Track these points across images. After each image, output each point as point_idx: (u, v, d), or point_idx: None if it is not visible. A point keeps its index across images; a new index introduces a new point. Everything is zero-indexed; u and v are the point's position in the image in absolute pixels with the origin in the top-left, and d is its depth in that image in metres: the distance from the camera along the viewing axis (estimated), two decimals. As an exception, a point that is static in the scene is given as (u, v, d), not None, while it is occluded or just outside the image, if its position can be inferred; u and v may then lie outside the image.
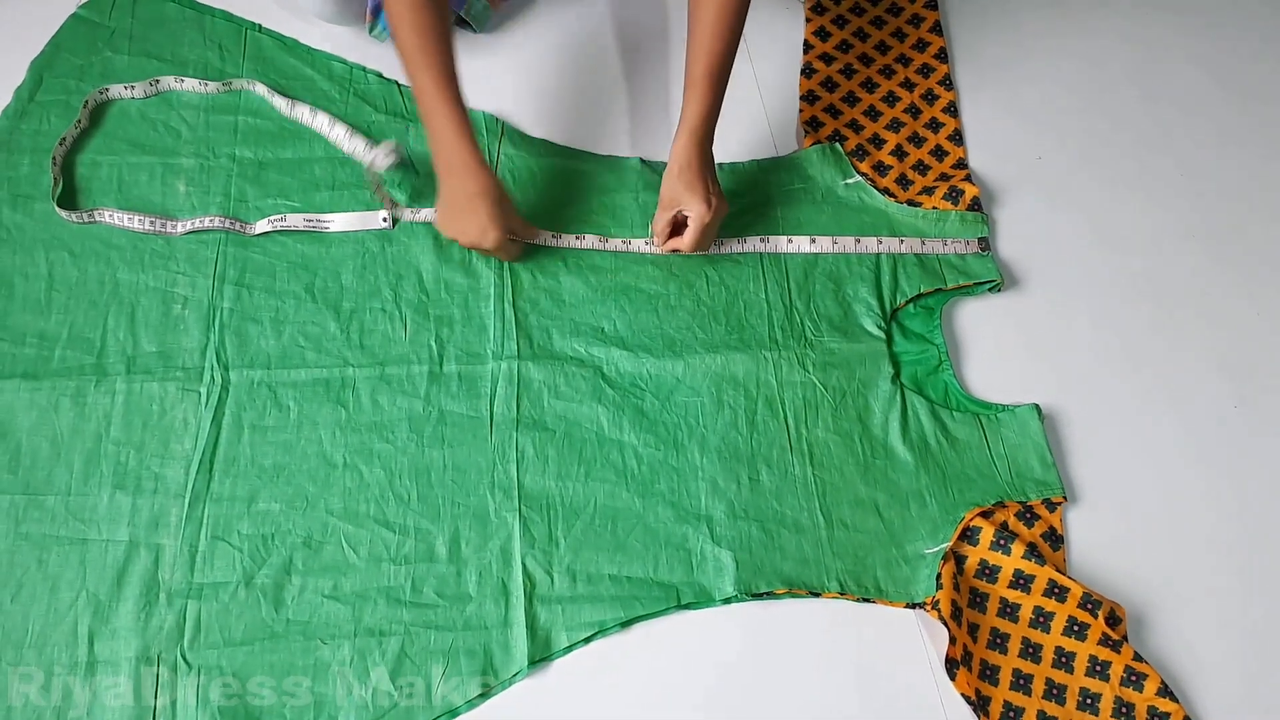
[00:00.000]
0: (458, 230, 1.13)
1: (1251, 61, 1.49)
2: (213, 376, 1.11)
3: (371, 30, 1.34)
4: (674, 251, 1.20)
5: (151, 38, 1.34)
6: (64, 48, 1.32)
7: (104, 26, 1.34)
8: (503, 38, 1.42)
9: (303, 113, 1.27)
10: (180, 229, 1.19)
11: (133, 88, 1.27)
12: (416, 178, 1.24)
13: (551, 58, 1.41)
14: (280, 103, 1.27)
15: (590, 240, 1.22)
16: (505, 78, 1.38)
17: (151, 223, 1.19)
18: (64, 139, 1.22)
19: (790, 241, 1.24)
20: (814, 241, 1.24)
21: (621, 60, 1.42)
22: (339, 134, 1.25)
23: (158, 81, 1.28)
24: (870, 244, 1.25)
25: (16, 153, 1.23)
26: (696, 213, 1.13)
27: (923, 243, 1.25)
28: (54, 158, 1.20)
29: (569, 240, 1.22)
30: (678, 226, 1.18)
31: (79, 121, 1.23)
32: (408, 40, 1.07)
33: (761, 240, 1.24)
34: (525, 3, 1.46)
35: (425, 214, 1.21)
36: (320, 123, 1.26)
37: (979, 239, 1.26)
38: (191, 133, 1.27)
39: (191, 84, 1.28)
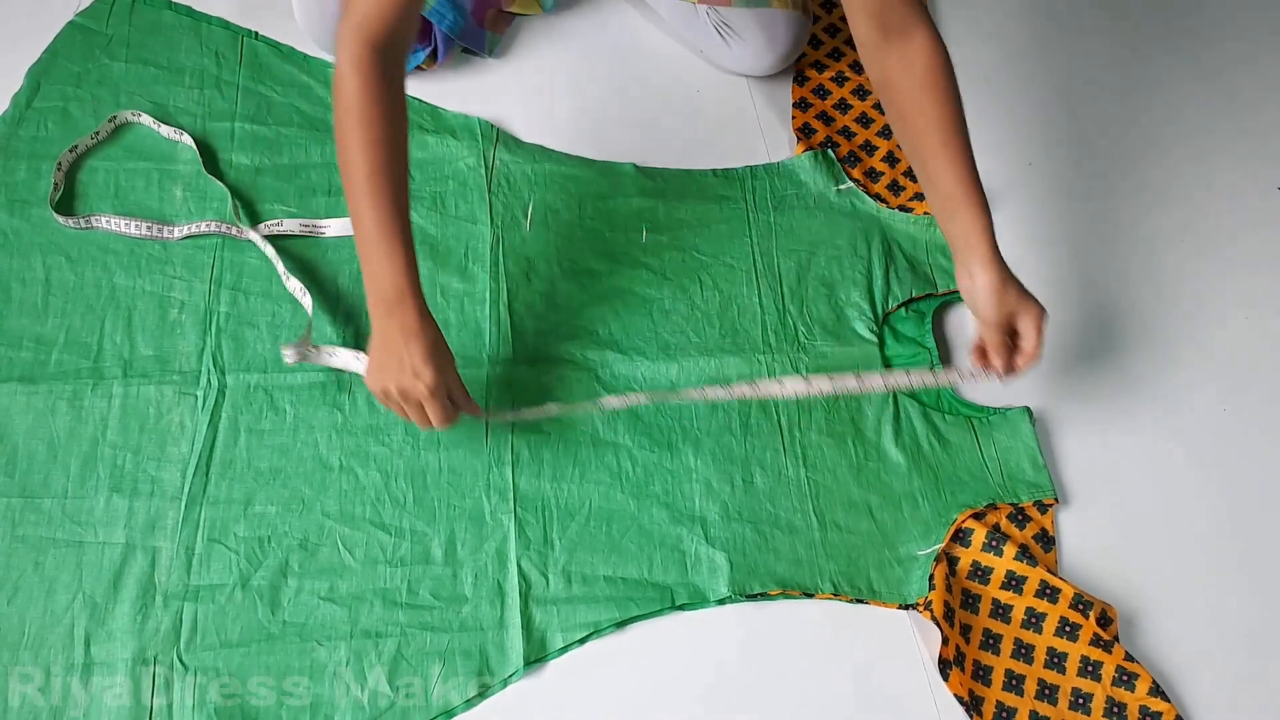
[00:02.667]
0: (388, 375, 0.97)
1: (1241, 66, 1.50)
2: (209, 380, 1.11)
3: None
4: (1009, 374, 1.03)
5: (148, 45, 1.35)
6: (61, 55, 1.32)
7: (101, 34, 1.35)
8: (497, 49, 1.43)
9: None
10: (177, 234, 1.20)
11: (161, 125, 1.27)
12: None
13: (546, 64, 1.42)
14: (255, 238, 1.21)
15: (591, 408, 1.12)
16: (500, 85, 1.39)
17: (148, 228, 1.19)
18: (75, 146, 1.22)
19: (781, 384, 1.08)
20: (808, 382, 1.07)
21: (615, 66, 1.43)
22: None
23: (181, 133, 1.27)
24: (875, 382, 1.08)
25: (14, 159, 1.23)
26: (1033, 314, 0.99)
27: (926, 376, 1.12)
28: (59, 163, 1.21)
29: (550, 408, 1.10)
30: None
31: (97, 133, 1.23)
32: (356, 160, 0.94)
33: (750, 385, 1.08)
34: (521, 19, 1.47)
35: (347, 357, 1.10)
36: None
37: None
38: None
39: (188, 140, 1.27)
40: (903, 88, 1.01)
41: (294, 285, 1.15)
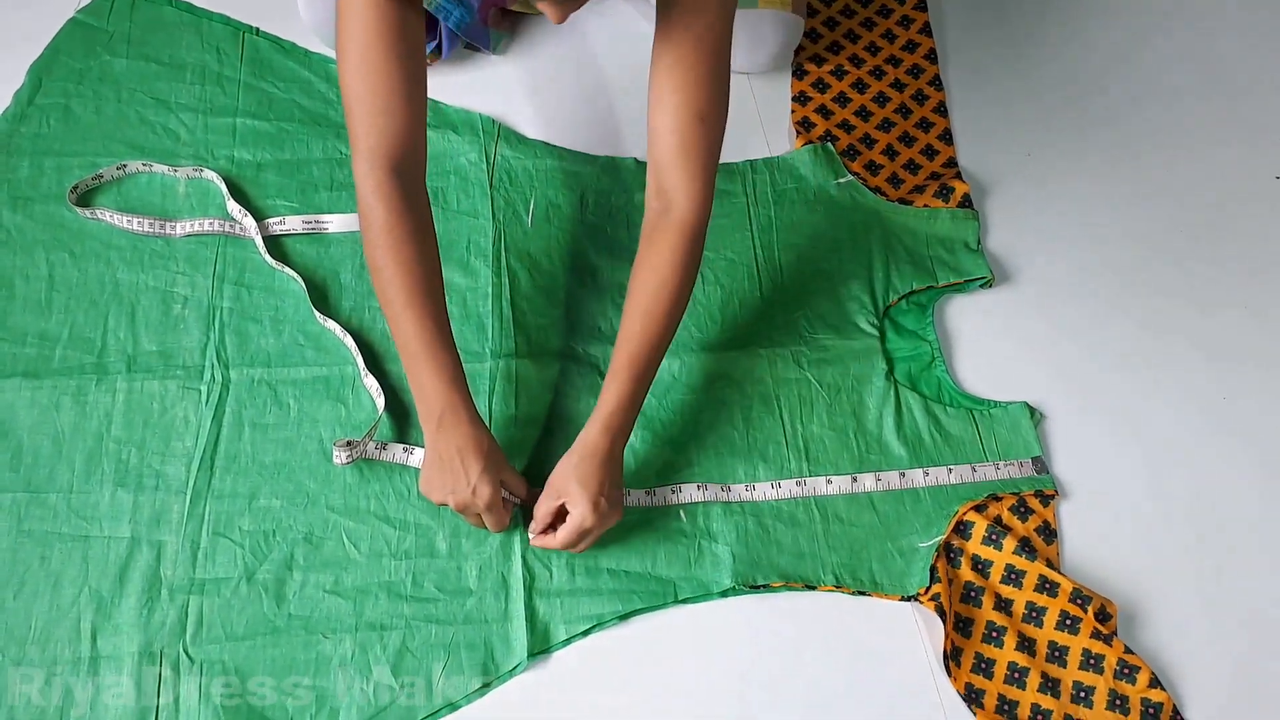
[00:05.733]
0: (445, 489, 0.99)
1: (1238, 57, 1.51)
2: (213, 375, 1.12)
3: None
4: (543, 546, 1.02)
5: (150, 41, 1.35)
6: (63, 51, 1.33)
7: (103, 30, 1.35)
8: (501, 45, 1.43)
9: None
10: (180, 231, 1.20)
11: (176, 171, 1.25)
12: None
13: (547, 61, 1.42)
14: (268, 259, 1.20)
15: None
16: (502, 81, 1.39)
17: (151, 224, 1.20)
18: (76, 186, 1.22)
19: (830, 483, 1.12)
20: (855, 480, 1.13)
21: (616, 62, 1.43)
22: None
23: (201, 170, 1.26)
24: (916, 477, 1.13)
25: (16, 155, 1.24)
26: (577, 512, 0.98)
27: (974, 469, 1.13)
28: (68, 200, 1.21)
29: None
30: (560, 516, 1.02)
31: (99, 176, 1.23)
32: (392, 283, 0.97)
33: (798, 483, 1.12)
34: (527, 17, 1.47)
35: (418, 455, 1.08)
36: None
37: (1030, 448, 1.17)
38: (190, 135, 1.28)
39: (212, 175, 1.25)
40: (642, 249, 1.03)
41: (371, 384, 1.12)
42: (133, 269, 1.18)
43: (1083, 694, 1.01)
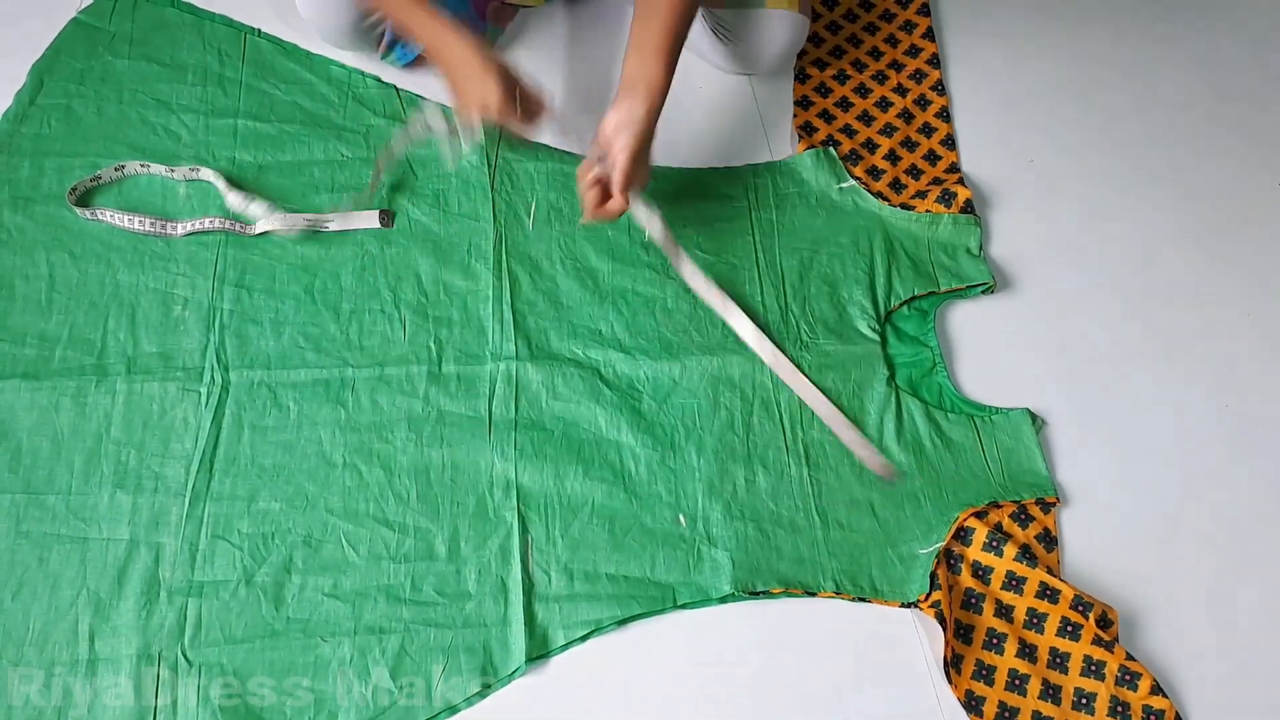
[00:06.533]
0: (463, 96, 1.09)
1: (1242, 65, 1.51)
2: (213, 377, 1.12)
3: (384, 57, 1.34)
4: (602, 213, 1.10)
5: (151, 42, 1.35)
6: (64, 52, 1.32)
7: (104, 31, 1.35)
8: (499, 42, 1.43)
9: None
10: (180, 230, 1.20)
11: (173, 171, 1.25)
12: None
13: (548, 61, 1.42)
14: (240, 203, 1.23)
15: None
16: (503, 82, 1.39)
17: (152, 224, 1.19)
18: (75, 188, 1.21)
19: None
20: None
21: (617, 63, 1.42)
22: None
23: (196, 170, 1.26)
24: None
25: (17, 155, 1.23)
26: (625, 105, 1.09)
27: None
28: (68, 201, 1.21)
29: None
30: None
31: (97, 177, 1.22)
32: None
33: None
34: (524, 11, 1.47)
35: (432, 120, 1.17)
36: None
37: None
38: (191, 136, 1.27)
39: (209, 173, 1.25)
40: None
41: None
42: (133, 270, 1.17)
43: (1084, 700, 1.01)
